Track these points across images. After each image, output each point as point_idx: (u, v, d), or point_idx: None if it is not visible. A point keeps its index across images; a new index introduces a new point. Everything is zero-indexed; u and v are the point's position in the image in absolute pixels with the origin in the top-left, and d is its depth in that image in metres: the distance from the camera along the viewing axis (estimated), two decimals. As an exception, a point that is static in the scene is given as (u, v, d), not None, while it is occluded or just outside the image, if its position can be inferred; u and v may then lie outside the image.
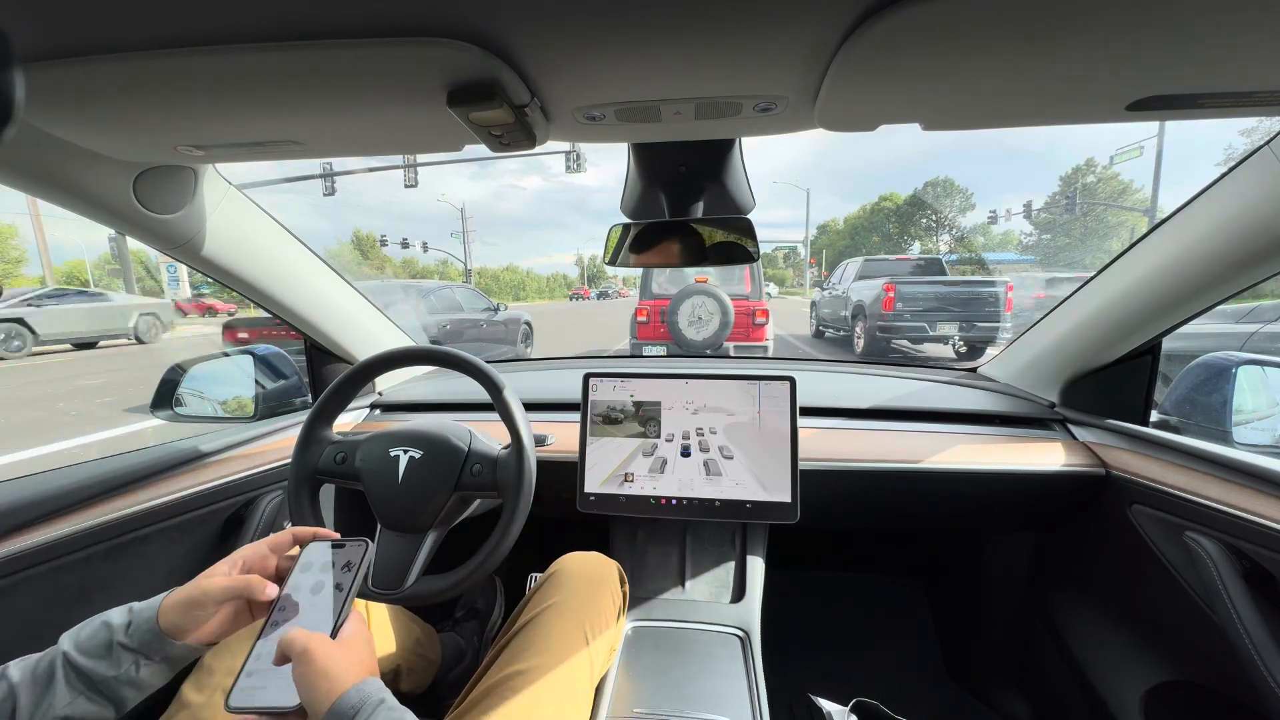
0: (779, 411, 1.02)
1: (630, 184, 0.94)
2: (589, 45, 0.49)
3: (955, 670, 1.44)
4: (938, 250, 47.16)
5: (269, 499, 1.03)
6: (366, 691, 0.45)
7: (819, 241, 58.76)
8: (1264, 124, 1.66)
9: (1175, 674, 0.92)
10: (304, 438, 0.87)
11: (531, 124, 0.60)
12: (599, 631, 0.82)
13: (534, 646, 0.76)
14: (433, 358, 0.93)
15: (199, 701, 0.69)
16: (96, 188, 0.77)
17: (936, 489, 1.09)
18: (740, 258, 0.96)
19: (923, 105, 0.60)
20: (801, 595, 1.58)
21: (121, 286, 17.52)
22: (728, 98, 0.60)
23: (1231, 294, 0.84)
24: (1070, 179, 41.23)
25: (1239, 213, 0.75)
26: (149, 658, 0.50)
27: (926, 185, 52.07)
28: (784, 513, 0.98)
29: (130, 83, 0.53)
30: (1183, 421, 1.03)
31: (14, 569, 0.68)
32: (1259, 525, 0.73)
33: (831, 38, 0.48)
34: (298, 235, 1.09)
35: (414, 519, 0.83)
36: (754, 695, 0.82)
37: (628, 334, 6.34)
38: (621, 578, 0.95)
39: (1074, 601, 1.15)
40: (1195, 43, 0.46)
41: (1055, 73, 0.51)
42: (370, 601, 0.90)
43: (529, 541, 0.91)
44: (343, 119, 0.62)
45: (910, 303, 7.24)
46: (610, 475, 1.04)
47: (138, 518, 0.82)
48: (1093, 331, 1.03)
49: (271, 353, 1.29)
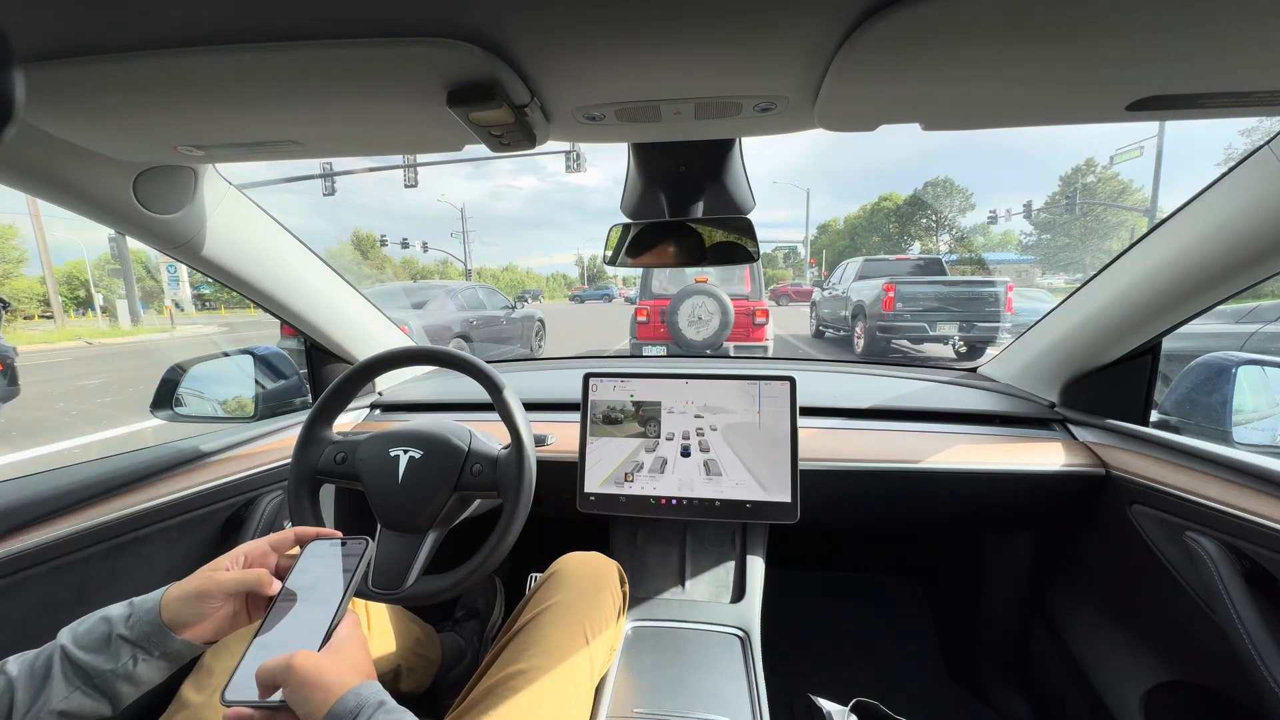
0: (779, 411, 1.02)
1: (630, 184, 0.94)
2: (589, 45, 0.49)
3: (955, 670, 1.44)
4: (938, 250, 47.14)
5: (269, 499, 1.03)
6: (364, 695, 0.45)
7: (819, 241, 58.71)
8: (1264, 124, 1.66)
9: (1175, 674, 0.92)
10: (304, 438, 0.87)
11: (531, 124, 0.60)
12: (599, 631, 0.82)
13: (534, 646, 0.76)
14: (433, 358, 0.93)
15: (199, 701, 0.69)
16: (96, 188, 0.77)
17: (937, 489, 1.09)
18: (740, 258, 0.96)
19: (923, 105, 0.60)
20: (801, 595, 1.58)
21: (121, 286, 17.48)
22: (728, 98, 0.60)
23: (1231, 294, 0.84)
24: (1070, 179, 41.23)
25: (1239, 213, 0.74)
26: (148, 652, 0.50)
27: (926, 185, 52.06)
28: (784, 513, 0.98)
29: (130, 83, 0.52)
30: (1183, 421, 1.03)
31: (14, 569, 0.68)
32: (1259, 525, 0.73)
33: (831, 38, 0.48)
34: (298, 235, 1.09)
35: (414, 519, 0.83)
36: (754, 695, 0.82)
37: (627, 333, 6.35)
38: (621, 577, 0.95)
39: (1074, 601, 1.15)
40: (1195, 43, 0.46)
41: (1055, 73, 0.51)
42: (370, 601, 0.91)
43: (529, 541, 0.91)
44: (343, 119, 0.62)
45: (910, 303, 7.24)
46: (610, 475, 1.04)
47: (138, 518, 0.82)
48: (1093, 331, 1.03)
49: (271, 353, 1.29)
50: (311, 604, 0.52)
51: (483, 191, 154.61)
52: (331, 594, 0.53)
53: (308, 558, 0.56)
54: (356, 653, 0.50)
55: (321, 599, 0.52)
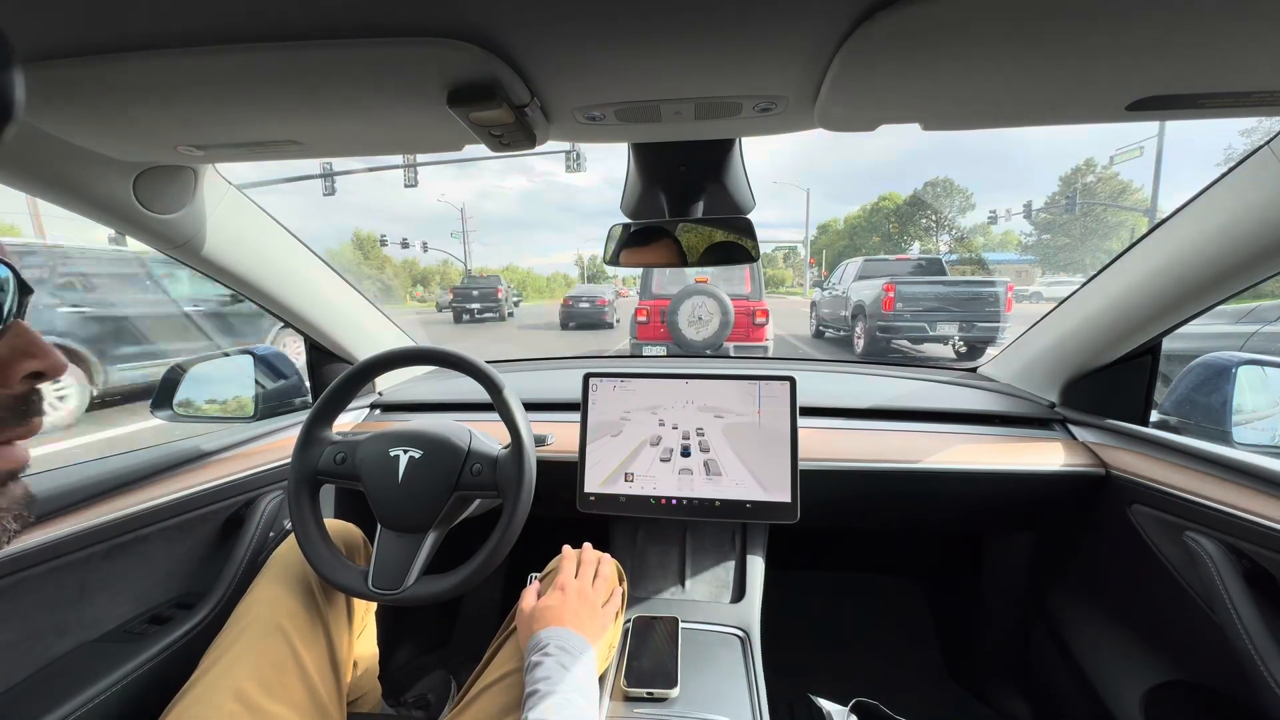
0: (779, 411, 1.02)
1: (630, 184, 0.94)
2: (589, 45, 0.49)
3: (955, 670, 1.44)
4: (938, 250, 47.15)
5: (269, 499, 1.03)
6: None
7: (819, 241, 58.71)
8: (1264, 124, 1.65)
9: (1175, 674, 0.92)
10: (304, 438, 0.87)
11: (531, 124, 0.60)
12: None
13: None
14: (433, 358, 0.93)
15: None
16: (96, 188, 0.77)
17: (936, 489, 1.09)
18: (740, 258, 0.96)
19: (923, 105, 0.59)
20: (801, 595, 1.58)
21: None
22: (728, 98, 0.60)
23: (1231, 294, 0.84)
24: (1070, 179, 41.23)
25: (1239, 213, 0.74)
26: None
27: (926, 185, 52.04)
28: (784, 513, 0.98)
29: (130, 83, 0.52)
30: (1183, 421, 1.03)
31: (14, 569, 0.68)
32: (1259, 525, 0.73)
33: (831, 38, 0.48)
34: (298, 235, 1.09)
35: (414, 519, 0.83)
36: (754, 695, 0.82)
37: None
38: (621, 577, 0.95)
39: (1074, 601, 1.15)
40: (1195, 43, 0.46)
41: (1055, 73, 0.51)
42: (369, 603, 0.91)
43: (529, 541, 0.91)
44: (343, 119, 0.62)
45: (910, 303, 7.24)
46: (610, 475, 1.04)
47: (138, 518, 0.82)
48: (1093, 331, 1.03)
49: (271, 353, 1.29)
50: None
51: (470, 191, 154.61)
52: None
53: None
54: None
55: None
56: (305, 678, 0.75)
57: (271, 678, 0.72)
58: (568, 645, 0.67)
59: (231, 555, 0.94)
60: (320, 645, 0.80)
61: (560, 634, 0.68)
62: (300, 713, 0.73)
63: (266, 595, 0.80)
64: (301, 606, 0.80)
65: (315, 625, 0.80)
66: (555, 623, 0.70)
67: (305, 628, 0.79)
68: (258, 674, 0.71)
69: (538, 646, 0.67)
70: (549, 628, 0.69)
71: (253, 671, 0.71)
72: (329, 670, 0.80)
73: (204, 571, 0.93)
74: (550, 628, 0.69)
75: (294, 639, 0.76)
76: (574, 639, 0.68)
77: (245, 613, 0.77)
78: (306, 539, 0.82)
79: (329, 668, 0.80)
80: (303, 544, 0.82)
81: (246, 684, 0.69)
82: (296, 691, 0.74)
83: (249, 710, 0.67)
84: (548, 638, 0.67)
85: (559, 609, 0.73)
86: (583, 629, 0.71)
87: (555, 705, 0.58)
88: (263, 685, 0.70)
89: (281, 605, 0.78)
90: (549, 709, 0.57)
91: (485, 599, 1.63)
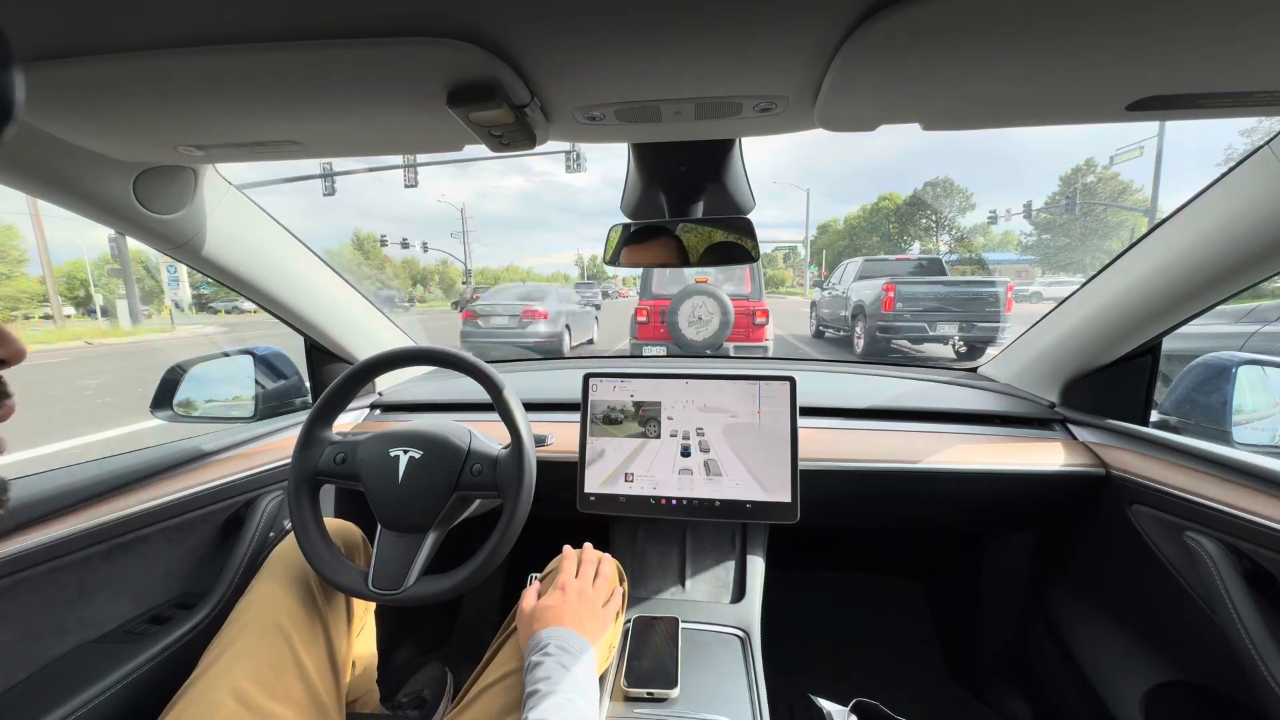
0: (779, 411, 1.02)
1: (630, 184, 0.94)
2: (589, 45, 0.49)
3: (955, 670, 1.44)
4: (938, 250, 47.15)
5: (269, 499, 1.03)
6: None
7: (819, 241, 58.68)
8: (1264, 124, 1.66)
9: (1175, 674, 0.92)
10: (304, 438, 0.87)
11: (531, 124, 0.60)
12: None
13: None
14: (433, 358, 0.93)
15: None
16: (96, 188, 0.77)
17: (936, 489, 1.09)
18: (740, 258, 0.96)
19: (923, 105, 0.59)
20: (802, 595, 1.58)
21: (121, 286, 17.50)
22: (728, 98, 0.60)
23: (1231, 294, 0.84)
24: (1070, 179, 41.23)
25: (1239, 213, 0.74)
26: None
27: (926, 185, 52.07)
28: (784, 513, 0.98)
29: (130, 83, 0.52)
30: (1183, 421, 1.03)
31: (14, 569, 0.68)
32: (1259, 525, 0.73)
33: (831, 38, 0.48)
34: (298, 235, 1.09)
35: (414, 519, 0.83)
36: (754, 695, 0.82)
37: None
38: (621, 577, 0.95)
39: (1074, 601, 1.15)
40: (1195, 43, 0.46)
41: (1055, 73, 0.51)
42: (369, 603, 0.91)
43: (529, 541, 0.91)
44: (343, 119, 0.62)
45: (910, 303, 7.24)
46: (610, 475, 1.04)
47: (138, 518, 0.82)
48: (1093, 331, 1.03)
49: (271, 353, 1.29)
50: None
51: (470, 191, 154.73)
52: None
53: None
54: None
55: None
56: (304, 677, 0.75)
57: (271, 677, 0.72)
58: (568, 645, 0.67)
59: (231, 555, 0.94)
60: (319, 645, 0.80)
61: (560, 634, 0.68)
62: (299, 712, 0.73)
63: (266, 595, 0.80)
64: (301, 606, 0.80)
65: (314, 625, 0.80)
66: (555, 623, 0.70)
67: (304, 627, 0.79)
68: (257, 673, 0.71)
69: (538, 646, 0.67)
70: (549, 628, 0.69)
71: (252, 671, 0.71)
72: (328, 670, 0.80)
73: (204, 571, 0.93)
74: (550, 628, 0.69)
75: (293, 639, 0.76)
76: (574, 639, 0.68)
77: (244, 612, 0.77)
78: (306, 539, 0.82)
79: (328, 667, 0.80)
80: (303, 544, 0.82)
81: (246, 683, 0.69)
82: (295, 691, 0.74)
83: (248, 709, 0.67)
84: (548, 638, 0.67)
85: (559, 609, 0.73)
86: (583, 629, 0.71)
87: (555, 705, 0.58)
88: (262, 685, 0.70)
89: (281, 605, 0.78)
90: (549, 709, 0.57)
91: (485, 599, 1.63)
